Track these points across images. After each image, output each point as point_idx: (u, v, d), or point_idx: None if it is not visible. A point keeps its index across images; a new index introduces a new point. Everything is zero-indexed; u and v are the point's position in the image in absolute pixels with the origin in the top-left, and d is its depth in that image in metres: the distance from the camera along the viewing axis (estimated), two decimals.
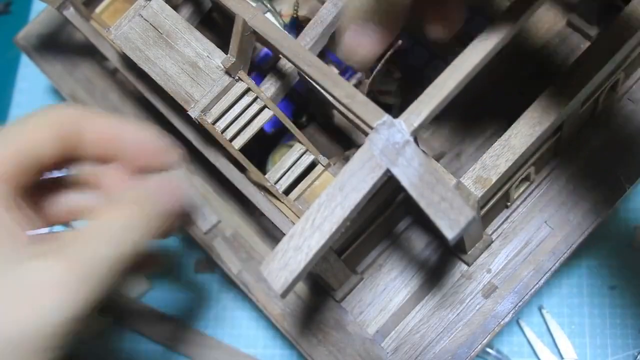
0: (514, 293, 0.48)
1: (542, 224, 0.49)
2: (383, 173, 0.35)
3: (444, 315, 0.48)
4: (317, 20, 0.45)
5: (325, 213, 0.35)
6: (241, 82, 0.44)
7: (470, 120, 0.54)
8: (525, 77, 0.54)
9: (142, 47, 0.45)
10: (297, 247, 0.34)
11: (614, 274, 0.55)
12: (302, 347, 0.50)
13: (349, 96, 0.37)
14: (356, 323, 0.49)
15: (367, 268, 0.51)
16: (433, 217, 0.33)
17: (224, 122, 0.43)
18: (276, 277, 0.34)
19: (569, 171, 0.50)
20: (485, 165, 0.42)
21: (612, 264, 0.55)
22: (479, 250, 0.49)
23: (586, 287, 0.55)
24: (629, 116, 0.50)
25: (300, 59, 0.39)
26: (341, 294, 0.50)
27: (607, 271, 0.55)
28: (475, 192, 0.41)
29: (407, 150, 0.34)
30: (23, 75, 0.72)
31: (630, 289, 0.54)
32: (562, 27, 0.54)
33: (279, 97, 0.48)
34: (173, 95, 0.44)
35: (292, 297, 0.51)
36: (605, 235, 0.56)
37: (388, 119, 0.35)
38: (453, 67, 0.36)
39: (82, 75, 0.63)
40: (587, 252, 0.56)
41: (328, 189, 0.35)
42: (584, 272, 0.56)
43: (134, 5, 0.46)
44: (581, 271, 0.56)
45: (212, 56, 0.44)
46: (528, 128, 0.42)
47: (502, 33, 0.36)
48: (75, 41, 0.63)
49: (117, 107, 0.61)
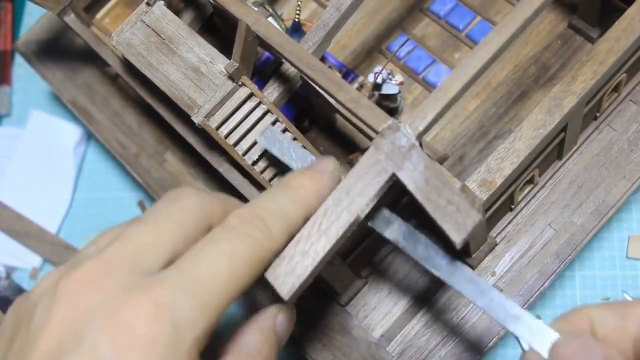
0: (518, 296, 0.48)
1: (546, 227, 0.49)
2: (389, 177, 0.35)
3: (449, 319, 0.48)
4: (320, 24, 0.45)
5: (332, 217, 0.34)
6: (244, 87, 0.43)
7: (473, 123, 0.54)
8: (528, 80, 0.54)
9: (145, 53, 0.45)
10: (303, 252, 0.34)
11: (607, 285, 0.55)
12: (307, 352, 0.49)
13: (354, 100, 0.37)
14: (361, 327, 0.49)
15: (371, 272, 0.50)
16: (440, 220, 0.33)
17: (228, 127, 0.43)
18: (283, 283, 0.34)
19: (573, 173, 0.50)
20: (490, 168, 0.42)
21: (606, 274, 0.55)
22: (484, 253, 0.49)
23: (580, 298, 0.55)
24: (631, 117, 0.50)
25: (304, 63, 0.39)
26: (346, 298, 0.50)
27: (600, 282, 0.55)
28: (481, 195, 0.41)
29: (413, 154, 0.34)
30: (18, 76, 0.72)
31: (624, 299, 0.54)
32: (563, 29, 0.54)
33: (282, 102, 0.48)
34: (176, 100, 0.44)
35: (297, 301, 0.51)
36: (599, 245, 0.56)
37: (393, 123, 0.35)
38: (458, 71, 0.36)
39: (82, 81, 0.62)
40: (580, 263, 0.55)
41: (334, 193, 0.35)
42: (578, 282, 0.55)
43: (135, 11, 0.46)
44: (574, 282, 0.55)
45: (215, 61, 0.44)
46: (532, 131, 0.42)
47: (504, 36, 0.36)
48: (76, 47, 0.63)
49: (118, 113, 0.61)
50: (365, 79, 0.55)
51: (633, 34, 0.42)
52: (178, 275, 0.30)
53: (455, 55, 0.56)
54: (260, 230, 0.32)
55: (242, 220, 0.32)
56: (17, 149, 0.67)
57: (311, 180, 0.36)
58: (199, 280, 0.30)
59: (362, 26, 0.59)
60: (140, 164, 0.59)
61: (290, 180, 0.36)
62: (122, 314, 0.29)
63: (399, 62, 0.56)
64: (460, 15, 0.57)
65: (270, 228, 0.33)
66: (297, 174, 0.36)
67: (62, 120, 0.67)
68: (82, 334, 0.29)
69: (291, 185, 0.35)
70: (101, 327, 0.29)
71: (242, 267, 0.31)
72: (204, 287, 0.30)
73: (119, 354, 0.28)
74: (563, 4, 0.55)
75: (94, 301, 0.30)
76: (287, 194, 0.35)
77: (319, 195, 0.35)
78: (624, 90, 0.50)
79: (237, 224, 0.32)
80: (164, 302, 0.29)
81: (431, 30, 0.58)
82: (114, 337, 0.28)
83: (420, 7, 0.58)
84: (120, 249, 0.31)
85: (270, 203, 0.34)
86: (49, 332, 0.29)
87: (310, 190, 0.35)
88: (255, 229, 0.32)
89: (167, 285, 0.30)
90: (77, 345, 0.29)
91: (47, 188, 0.65)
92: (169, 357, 0.29)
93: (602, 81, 0.43)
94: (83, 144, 0.67)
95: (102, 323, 0.29)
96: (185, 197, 0.34)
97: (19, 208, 0.65)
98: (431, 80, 0.55)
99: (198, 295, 0.30)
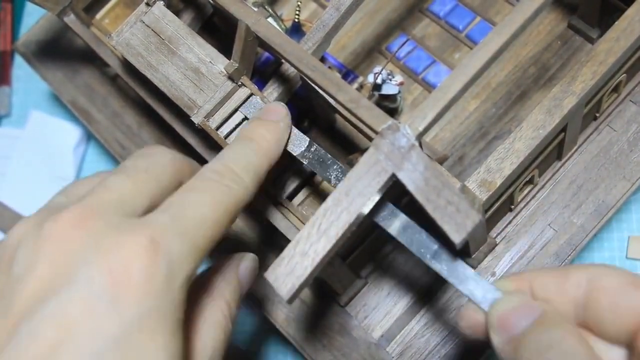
0: None
1: (546, 227, 0.49)
2: (389, 177, 0.35)
3: (449, 319, 0.48)
4: (320, 24, 0.45)
5: (332, 218, 0.34)
6: (244, 87, 0.43)
7: (472, 123, 0.54)
8: (528, 80, 0.54)
9: (144, 54, 0.45)
10: (303, 253, 0.34)
11: None
12: (307, 353, 0.49)
13: (353, 101, 0.37)
14: (361, 327, 0.49)
15: (371, 272, 0.50)
16: (439, 221, 0.33)
17: (228, 128, 0.43)
18: (283, 283, 0.34)
19: (572, 174, 0.50)
20: (489, 168, 0.42)
21: None
22: (483, 254, 0.49)
23: None
24: (631, 118, 0.50)
25: (304, 63, 0.39)
26: (346, 298, 0.50)
27: None
28: (480, 195, 0.41)
29: (413, 155, 0.34)
30: (18, 77, 0.72)
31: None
32: (563, 30, 0.54)
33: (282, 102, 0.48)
34: (176, 101, 0.44)
35: (297, 302, 0.51)
36: (599, 246, 0.56)
37: (393, 124, 0.35)
38: (457, 71, 0.36)
39: (82, 82, 0.62)
40: (580, 263, 0.55)
41: (334, 193, 0.35)
42: None
43: (135, 12, 0.46)
44: None
45: (215, 62, 0.44)
46: (532, 131, 0.42)
47: (504, 36, 0.36)
48: (76, 47, 0.63)
49: (117, 113, 0.61)
50: (365, 79, 0.55)
51: (633, 34, 0.42)
52: (168, 218, 0.32)
53: (455, 56, 0.56)
54: (235, 182, 0.35)
55: (217, 173, 0.35)
56: (17, 149, 0.67)
57: (269, 130, 0.39)
58: (188, 223, 0.32)
59: (361, 26, 0.59)
60: None
61: (250, 132, 0.39)
62: (118, 250, 0.29)
63: (399, 62, 0.56)
64: (460, 15, 0.57)
65: (243, 178, 0.36)
66: (255, 125, 0.39)
67: (62, 120, 0.67)
68: (75, 271, 0.29)
69: (252, 137, 0.38)
70: (96, 263, 0.29)
71: (223, 213, 0.34)
72: (193, 230, 0.32)
73: (115, 288, 0.29)
74: (563, 4, 0.55)
75: (86, 240, 0.30)
76: (251, 146, 0.38)
77: (279, 144, 0.39)
78: (624, 90, 0.50)
79: (213, 176, 0.35)
80: (159, 241, 0.30)
81: (431, 31, 0.58)
82: (109, 271, 0.29)
83: (420, 8, 0.58)
84: (102, 195, 0.32)
85: (239, 156, 0.37)
86: (36, 273, 0.29)
87: (271, 140, 0.39)
88: (230, 180, 0.35)
89: (159, 225, 0.31)
90: (70, 282, 0.29)
91: (47, 188, 0.65)
92: (164, 292, 0.30)
93: (602, 81, 0.43)
94: (83, 144, 0.67)
95: (97, 259, 0.29)
96: (160, 154, 0.36)
97: (19, 208, 0.65)
98: (431, 80, 0.55)
99: (189, 237, 0.32)
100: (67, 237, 0.30)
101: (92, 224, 0.31)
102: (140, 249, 0.30)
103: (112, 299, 0.28)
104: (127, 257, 0.29)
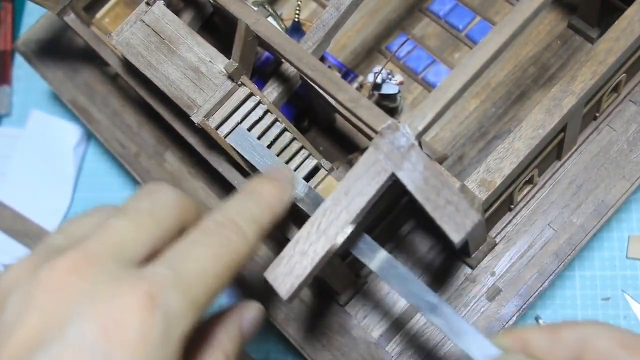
0: (518, 296, 0.48)
1: (546, 227, 0.49)
2: (388, 177, 0.35)
3: None
4: (320, 24, 0.45)
5: (331, 217, 0.34)
6: (244, 86, 0.43)
7: (472, 123, 0.54)
8: (528, 80, 0.54)
9: (144, 53, 0.45)
10: (302, 252, 0.34)
11: (607, 285, 0.55)
12: (307, 352, 0.49)
13: (353, 100, 0.37)
14: (360, 327, 0.49)
15: (370, 272, 0.50)
16: (439, 220, 0.33)
17: (227, 127, 0.43)
18: (282, 283, 0.34)
19: (572, 173, 0.50)
20: (489, 168, 0.42)
21: (606, 274, 0.55)
22: (483, 253, 0.49)
23: (580, 298, 0.55)
24: (631, 117, 0.50)
25: (303, 63, 0.39)
26: (345, 298, 0.50)
27: (600, 282, 0.55)
28: (480, 195, 0.41)
29: (412, 154, 0.34)
30: (18, 76, 0.72)
31: (624, 300, 0.54)
32: (563, 29, 0.54)
33: (282, 102, 0.48)
34: (175, 100, 0.44)
35: (296, 301, 0.51)
36: (599, 245, 0.56)
37: (393, 123, 0.35)
38: (457, 71, 0.36)
39: (82, 81, 0.62)
40: (580, 263, 0.55)
41: (333, 193, 0.35)
42: (578, 283, 0.55)
43: (135, 11, 0.46)
44: (574, 282, 0.55)
45: (215, 61, 0.44)
46: (531, 131, 0.42)
47: (504, 36, 0.36)
48: (76, 47, 0.63)
49: (118, 113, 0.61)
50: (364, 78, 0.55)
51: (632, 34, 0.42)
52: (167, 270, 0.31)
53: (454, 55, 0.56)
54: (237, 235, 0.34)
55: (219, 225, 0.34)
56: (17, 149, 0.67)
57: (275, 186, 0.37)
58: (187, 277, 0.31)
59: (361, 26, 0.59)
60: (140, 164, 0.59)
61: (256, 186, 0.37)
62: (113, 303, 0.28)
63: (399, 62, 0.56)
64: (459, 15, 0.57)
65: (245, 232, 0.34)
66: (260, 180, 0.38)
67: (62, 120, 0.67)
68: (68, 322, 0.28)
69: (258, 191, 0.37)
70: (89, 315, 0.28)
71: (224, 268, 0.32)
72: (192, 285, 0.31)
73: (108, 344, 0.28)
74: (563, 4, 0.55)
75: (81, 290, 0.29)
76: (256, 200, 0.36)
77: (283, 202, 0.37)
78: (624, 90, 0.50)
79: (215, 227, 0.34)
80: (157, 295, 0.29)
81: (431, 30, 0.58)
82: (103, 326, 0.28)
83: (420, 7, 0.58)
84: (102, 239, 0.31)
85: (242, 208, 0.35)
86: (27, 322, 0.28)
87: (276, 196, 0.37)
88: (232, 233, 0.34)
89: (158, 278, 0.30)
90: (62, 334, 0.28)
91: (47, 188, 0.65)
92: (159, 349, 0.29)
93: (602, 81, 0.43)
94: (83, 144, 0.67)
95: (91, 311, 0.28)
96: (165, 194, 0.35)
97: (19, 208, 0.65)
98: (431, 80, 0.55)
99: (187, 292, 0.30)
100: (62, 285, 0.29)
101: (90, 272, 0.30)
102: (136, 303, 0.29)
103: (103, 355, 0.27)
104: (122, 311, 0.28)
